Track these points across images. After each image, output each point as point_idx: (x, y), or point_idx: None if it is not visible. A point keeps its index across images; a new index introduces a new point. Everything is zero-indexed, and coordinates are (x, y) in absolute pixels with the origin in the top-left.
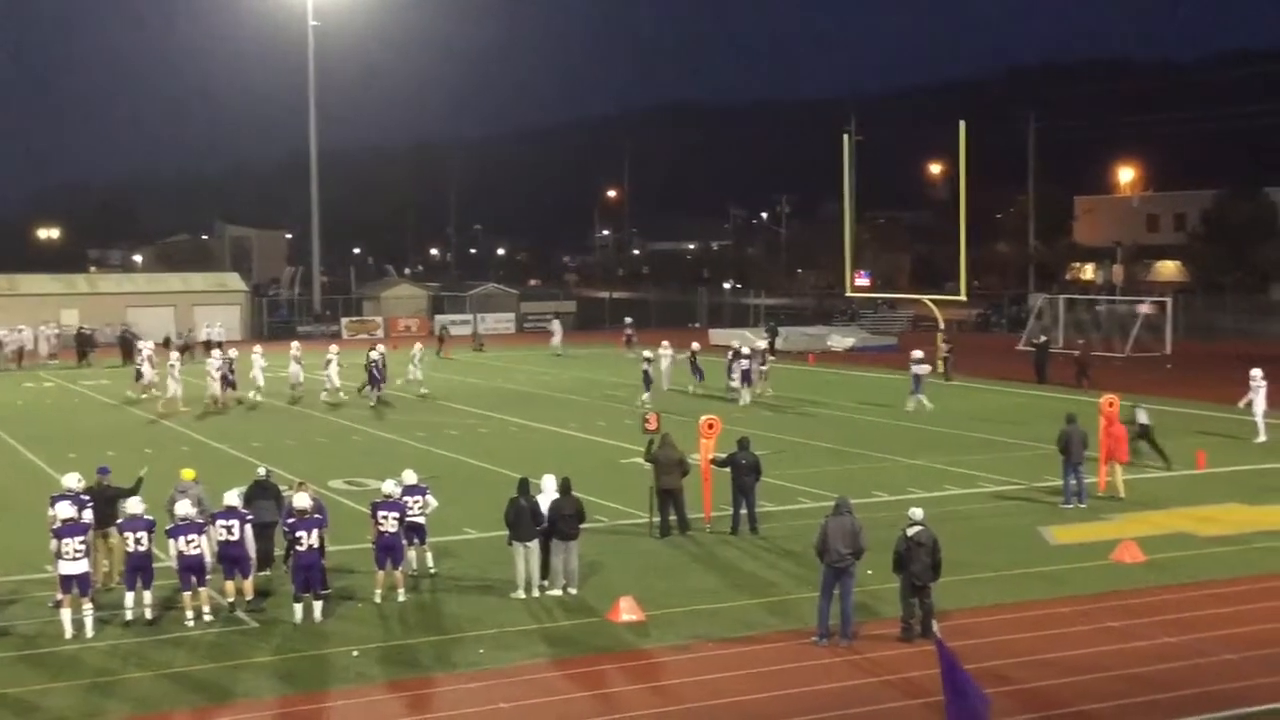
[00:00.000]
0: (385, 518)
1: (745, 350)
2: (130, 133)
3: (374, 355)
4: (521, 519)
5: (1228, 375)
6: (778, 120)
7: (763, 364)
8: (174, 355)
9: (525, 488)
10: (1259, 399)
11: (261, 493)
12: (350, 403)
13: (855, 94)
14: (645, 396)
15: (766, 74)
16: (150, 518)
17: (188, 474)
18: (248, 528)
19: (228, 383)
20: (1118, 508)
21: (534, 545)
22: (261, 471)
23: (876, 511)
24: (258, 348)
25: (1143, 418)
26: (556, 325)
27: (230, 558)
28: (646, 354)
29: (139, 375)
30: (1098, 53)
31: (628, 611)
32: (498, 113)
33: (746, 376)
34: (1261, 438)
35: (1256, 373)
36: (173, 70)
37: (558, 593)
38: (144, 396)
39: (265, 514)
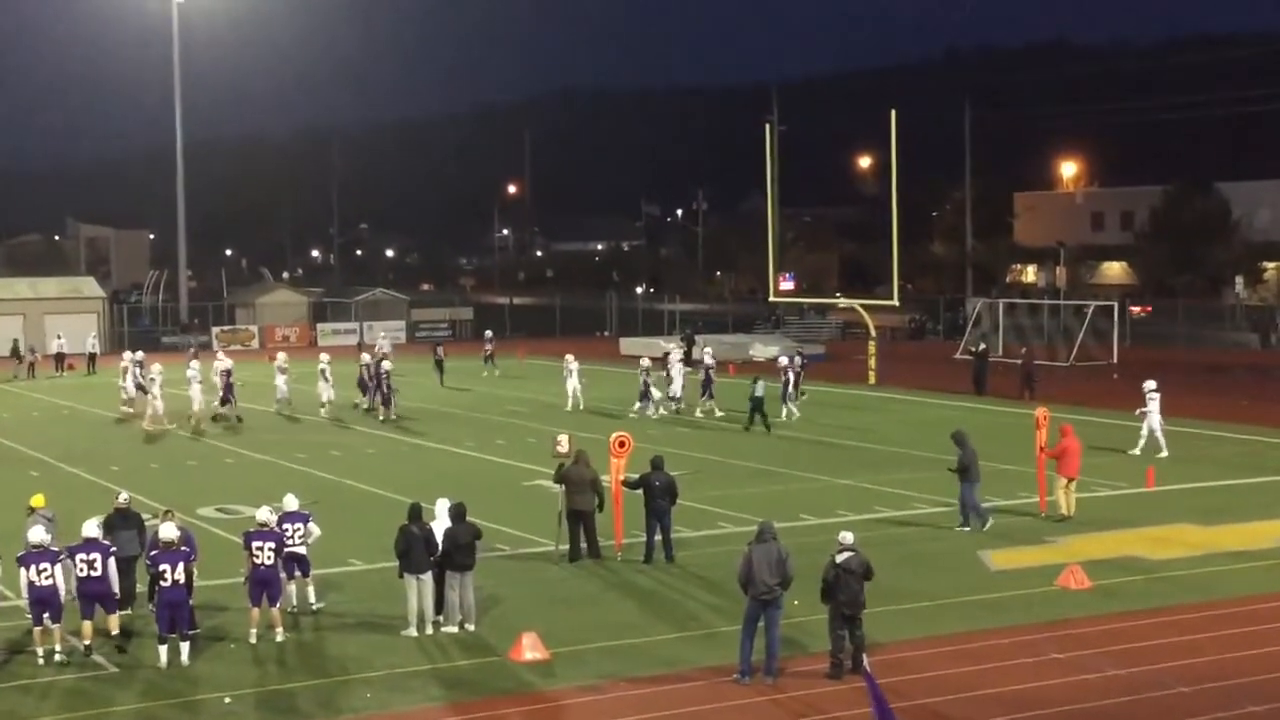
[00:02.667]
0: (260, 548)
1: (710, 360)
2: None
3: (386, 365)
4: (414, 548)
5: (1178, 385)
6: (694, 108)
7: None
8: (155, 368)
9: (417, 514)
10: (1154, 413)
11: (123, 522)
12: (310, 420)
13: (778, 79)
14: (638, 406)
15: (681, 57)
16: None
17: (38, 500)
18: (111, 561)
19: (228, 398)
20: (1062, 529)
21: (427, 577)
22: (123, 498)
23: (804, 536)
24: (222, 357)
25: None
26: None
27: (92, 595)
28: (645, 363)
29: (134, 390)
30: (1039, 36)
31: (531, 649)
32: (385, 99)
33: (707, 387)
34: (1162, 453)
35: (1150, 384)
36: (22, 54)
37: (454, 630)
38: (132, 413)
39: (127, 546)
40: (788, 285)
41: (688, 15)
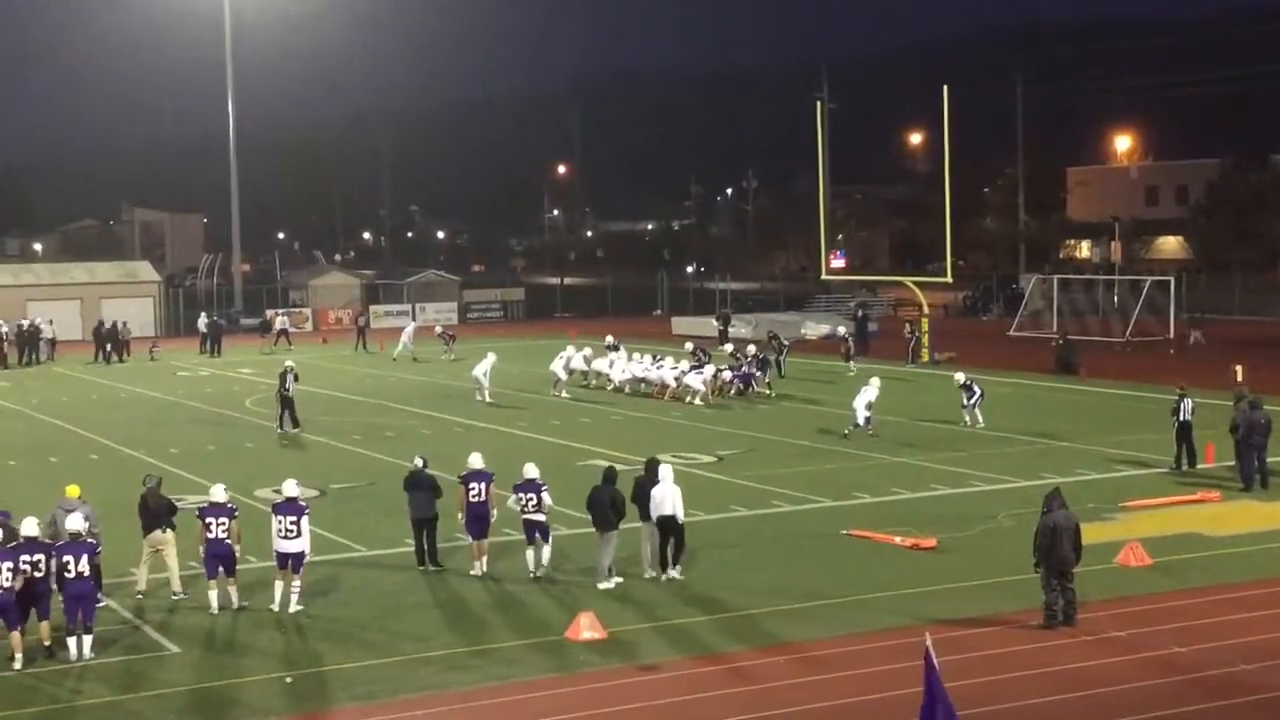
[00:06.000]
0: (210, 524)
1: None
2: (27, 109)
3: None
4: (593, 507)
5: (1233, 360)
6: (742, 87)
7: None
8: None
9: (607, 477)
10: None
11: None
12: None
13: (827, 56)
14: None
15: (730, 36)
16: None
17: (72, 491)
18: (54, 561)
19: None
20: (1121, 507)
21: (609, 534)
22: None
23: (860, 516)
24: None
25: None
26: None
27: (40, 593)
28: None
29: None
30: (1091, 9)
31: (588, 629)
32: (435, 81)
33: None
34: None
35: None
36: (75, 40)
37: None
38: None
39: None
40: (839, 263)
41: None
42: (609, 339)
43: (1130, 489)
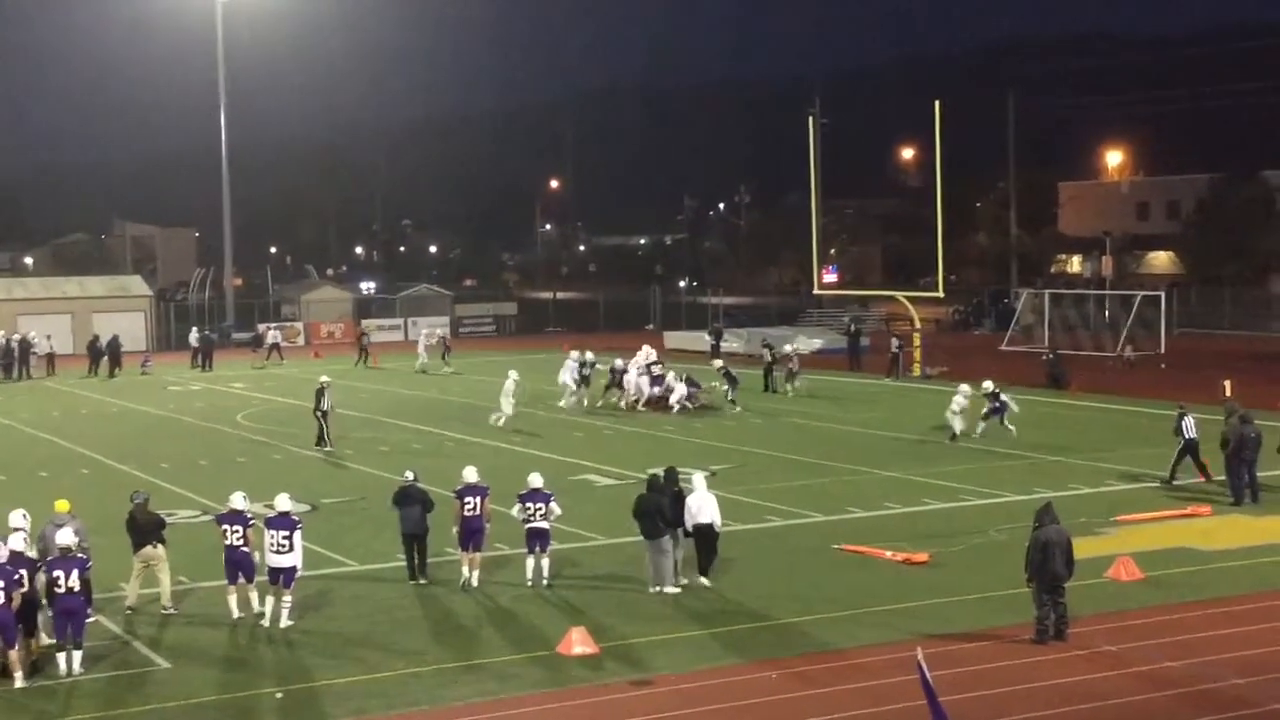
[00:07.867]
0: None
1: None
2: (19, 124)
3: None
4: (641, 516)
5: (1225, 375)
6: (735, 102)
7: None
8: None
9: (653, 485)
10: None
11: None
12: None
13: (819, 72)
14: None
15: (722, 51)
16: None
17: (62, 506)
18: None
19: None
20: (1112, 521)
21: (658, 541)
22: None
23: (850, 530)
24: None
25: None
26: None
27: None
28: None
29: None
30: (1081, 25)
31: (580, 643)
32: (427, 96)
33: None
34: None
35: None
36: (68, 56)
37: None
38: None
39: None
40: (831, 278)
41: (730, 10)
42: (573, 353)
43: (1122, 503)
